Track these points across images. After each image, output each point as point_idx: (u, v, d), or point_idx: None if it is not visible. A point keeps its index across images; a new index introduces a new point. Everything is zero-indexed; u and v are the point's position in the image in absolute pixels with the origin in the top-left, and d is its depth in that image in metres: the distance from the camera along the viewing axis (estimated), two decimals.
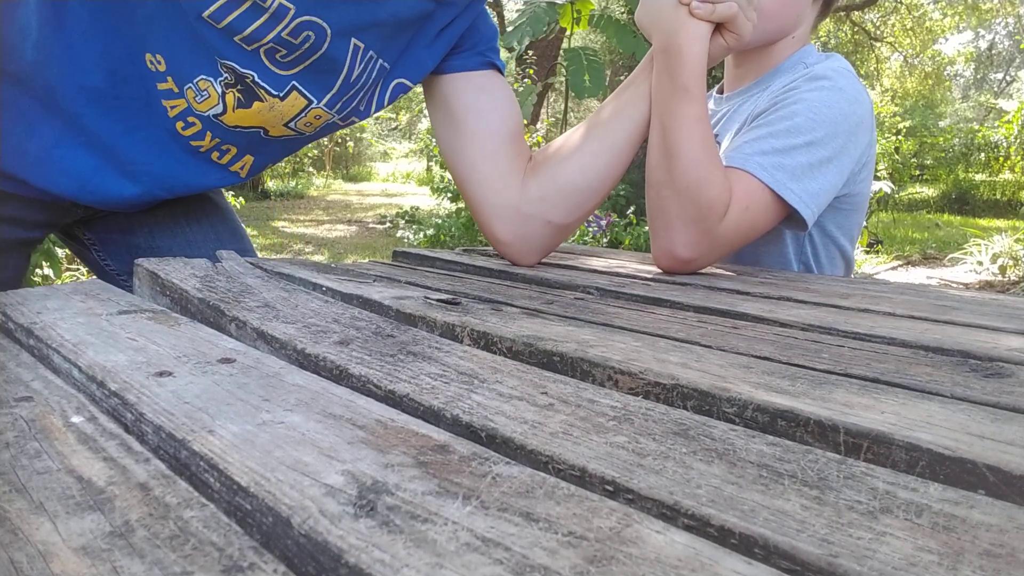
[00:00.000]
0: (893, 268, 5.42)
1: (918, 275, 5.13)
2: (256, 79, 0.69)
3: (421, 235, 4.93)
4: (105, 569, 0.19)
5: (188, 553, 0.20)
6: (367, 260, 0.92)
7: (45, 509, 0.23)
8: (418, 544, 0.20)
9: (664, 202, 0.78)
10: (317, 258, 5.03)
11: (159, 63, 0.68)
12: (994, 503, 0.24)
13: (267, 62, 0.69)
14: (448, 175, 5.20)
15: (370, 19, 0.69)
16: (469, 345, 0.46)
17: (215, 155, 0.76)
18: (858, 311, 0.59)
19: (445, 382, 0.36)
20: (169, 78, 0.69)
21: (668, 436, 0.30)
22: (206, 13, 0.63)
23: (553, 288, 0.68)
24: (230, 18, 0.64)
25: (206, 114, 0.71)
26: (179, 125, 0.72)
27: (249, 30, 0.65)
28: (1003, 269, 5.00)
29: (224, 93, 0.70)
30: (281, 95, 0.71)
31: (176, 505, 0.23)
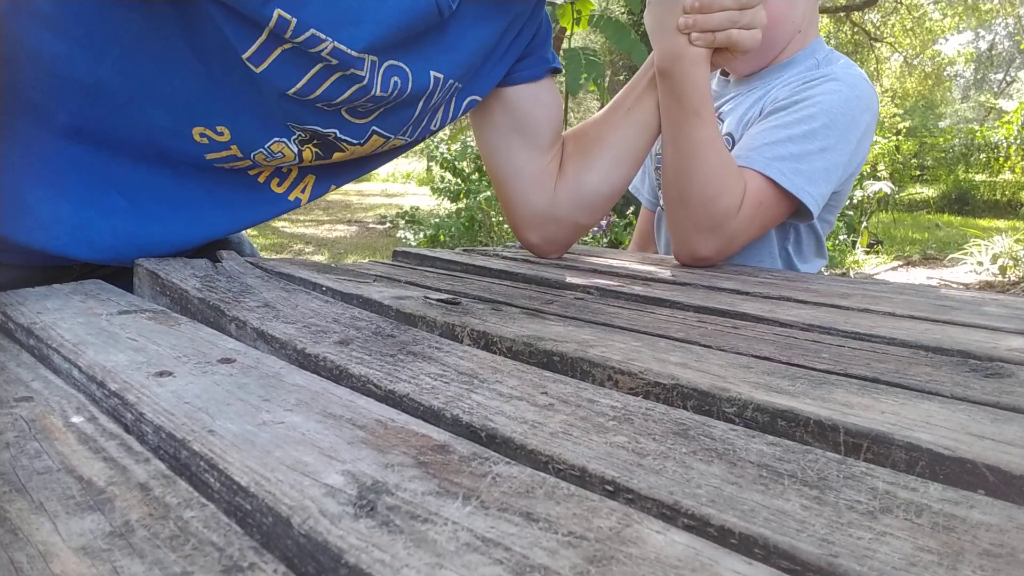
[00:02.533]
0: (893, 268, 5.43)
1: (918, 275, 5.13)
2: (338, 135, 0.66)
3: (421, 235, 4.93)
4: (105, 569, 0.19)
5: (188, 553, 0.20)
6: (367, 260, 0.92)
7: (45, 509, 0.23)
8: (418, 544, 0.20)
9: (680, 215, 0.83)
10: (317, 258, 5.04)
11: (221, 134, 0.63)
12: (994, 503, 0.24)
13: (348, 116, 0.65)
14: (448, 175, 5.20)
15: (450, 57, 0.67)
16: (469, 345, 0.46)
17: (274, 182, 0.72)
18: (858, 311, 0.59)
19: (445, 382, 0.36)
20: (233, 147, 0.64)
21: (668, 436, 0.30)
22: (292, 91, 0.59)
23: (553, 288, 0.68)
24: (318, 92, 0.60)
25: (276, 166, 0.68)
26: (248, 174, 0.68)
27: (341, 99, 0.61)
28: (1003, 269, 5.00)
29: (301, 151, 0.66)
30: (362, 142, 0.68)
31: (176, 505, 0.23)
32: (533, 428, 0.30)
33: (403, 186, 13.46)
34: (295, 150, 0.66)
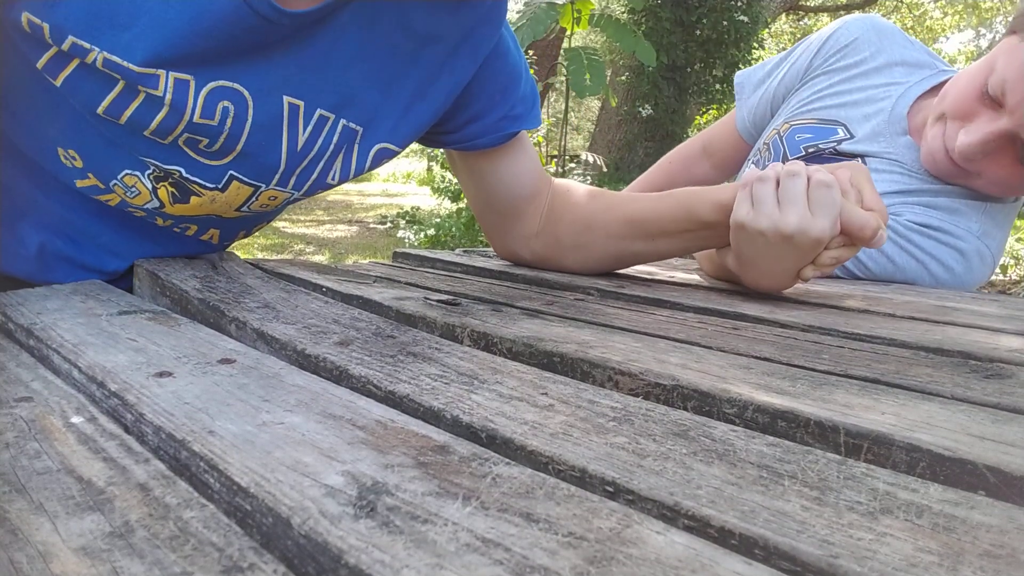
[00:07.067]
0: None
1: None
2: (184, 174, 0.57)
3: (422, 235, 4.93)
4: (105, 569, 0.19)
5: (188, 553, 0.20)
6: (367, 260, 0.92)
7: (45, 509, 0.23)
8: (418, 545, 0.20)
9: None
10: (317, 258, 5.03)
11: (74, 159, 0.57)
12: (994, 504, 0.24)
13: (192, 154, 0.56)
14: (449, 175, 5.20)
15: (314, 79, 0.56)
16: (469, 346, 0.46)
17: (176, 230, 0.66)
18: (858, 312, 0.59)
19: (445, 383, 0.36)
20: (90, 175, 0.58)
21: (668, 437, 0.30)
22: (100, 109, 0.51)
23: (553, 289, 0.68)
24: (127, 113, 0.52)
25: (144, 207, 0.60)
26: (127, 210, 0.62)
27: (153, 124, 0.52)
28: (1004, 269, 5.00)
29: (155, 188, 0.58)
30: (220, 186, 0.58)
31: (176, 505, 0.23)
32: (533, 429, 0.30)
33: (403, 186, 13.44)
34: (149, 186, 0.58)
